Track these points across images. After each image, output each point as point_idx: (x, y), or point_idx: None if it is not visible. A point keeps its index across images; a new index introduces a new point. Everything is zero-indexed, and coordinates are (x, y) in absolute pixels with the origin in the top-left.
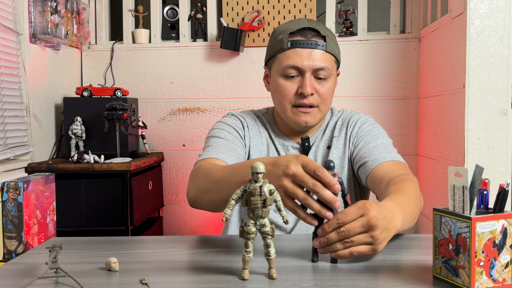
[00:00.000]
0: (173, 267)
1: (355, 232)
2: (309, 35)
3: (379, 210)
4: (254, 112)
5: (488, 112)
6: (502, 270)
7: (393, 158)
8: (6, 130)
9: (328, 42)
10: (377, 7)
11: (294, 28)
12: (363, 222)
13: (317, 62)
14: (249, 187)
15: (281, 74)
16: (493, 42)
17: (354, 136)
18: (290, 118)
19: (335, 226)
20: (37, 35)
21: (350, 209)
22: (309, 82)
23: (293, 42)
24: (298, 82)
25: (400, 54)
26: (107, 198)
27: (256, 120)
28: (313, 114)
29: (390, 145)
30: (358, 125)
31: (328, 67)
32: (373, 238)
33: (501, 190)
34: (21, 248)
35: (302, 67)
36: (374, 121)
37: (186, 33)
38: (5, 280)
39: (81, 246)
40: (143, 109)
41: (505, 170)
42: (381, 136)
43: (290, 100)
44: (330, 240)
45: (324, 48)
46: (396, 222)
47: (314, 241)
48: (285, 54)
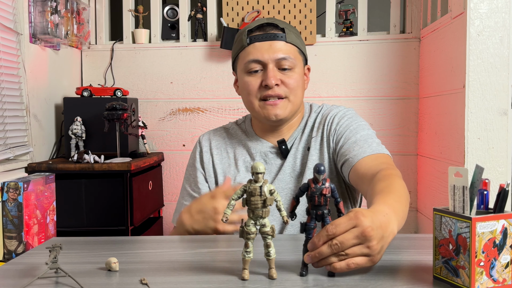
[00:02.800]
0: (173, 267)
1: (349, 244)
2: (267, 29)
3: (374, 219)
4: (227, 127)
5: (488, 112)
6: (502, 270)
7: (373, 152)
8: (6, 130)
9: (288, 34)
10: (377, 7)
11: (252, 25)
12: (357, 233)
13: (277, 53)
14: (249, 187)
15: (245, 71)
16: (493, 42)
17: (333, 134)
18: (259, 113)
19: (325, 239)
20: (37, 35)
21: (341, 219)
22: (273, 73)
23: (252, 38)
24: (262, 76)
25: (400, 54)
26: (107, 198)
27: (224, 139)
28: (282, 106)
29: (371, 137)
30: (336, 121)
31: (290, 56)
32: (369, 249)
33: (501, 190)
34: (21, 248)
35: (263, 59)
36: (354, 113)
37: (186, 33)
38: (5, 280)
39: (81, 246)
40: (143, 109)
41: (505, 170)
42: (361, 129)
43: (256, 94)
44: (322, 254)
45: (284, 39)
46: (393, 227)
47: (305, 256)
48: (246, 51)
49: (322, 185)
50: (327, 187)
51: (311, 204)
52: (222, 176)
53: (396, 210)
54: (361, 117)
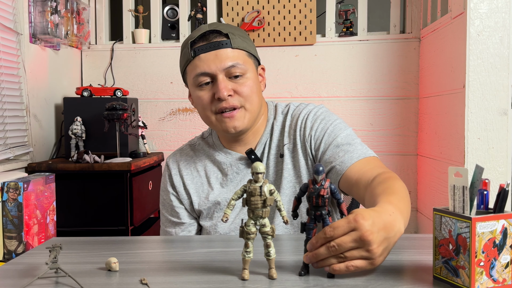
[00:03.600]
0: (173, 267)
1: (346, 247)
2: (210, 37)
3: (375, 220)
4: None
5: (488, 112)
6: (502, 270)
7: (361, 156)
8: (6, 130)
9: (233, 39)
10: (377, 7)
11: (195, 36)
12: (355, 237)
13: (225, 61)
14: (249, 187)
15: (195, 85)
16: (493, 42)
17: (309, 140)
18: (217, 126)
19: (323, 241)
20: (37, 35)
21: (340, 222)
22: (223, 84)
23: (196, 50)
24: (213, 88)
25: (400, 54)
26: (107, 198)
27: (192, 157)
28: (239, 117)
29: (352, 137)
30: (309, 125)
31: (239, 63)
32: (369, 253)
33: (501, 190)
34: (21, 248)
35: (210, 71)
36: (326, 111)
37: (186, 33)
38: (5, 280)
39: (81, 246)
40: (143, 109)
41: (505, 170)
42: (338, 130)
43: (211, 108)
44: (320, 256)
45: (230, 46)
46: (400, 226)
47: (305, 257)
48: (192, 64)
49: (321, 186)
50: (326, 188)
51: (310, 205)
52: (195, 196)
53: (401, 210)
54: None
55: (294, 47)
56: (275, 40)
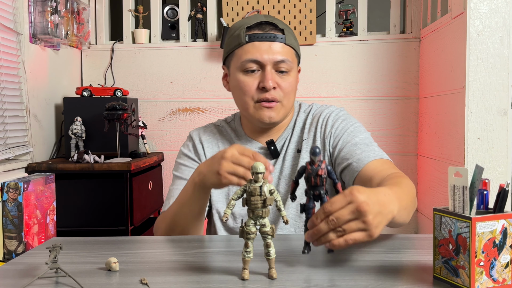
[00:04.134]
0: (173, 267)
1: (345, 220)
2: (267, 28)
3: (370, 195)
4: (217, 124)
5: (488, 112)
6: (502, 270)
7: (377, 156)
8: (6, 130)
9: (287, 35)
10: (377, 7)
11: (251, 22)
12: (352, 208)
13: (277, 55)
14: (249, 187)
15: (240, 69)
16: (493, 42)
17: (328, 137)
18: (252, 114)
19: (322, 217)
20: (37, 35)
21: (337, 197)
22: (271, 75)
23: (251, 36)
24: (259, 77)
25: (400, 54)
26: (107, 198)
27: (215, 134)
28: (276, 109)
29: (370, 140)
30: (330, 124)
31: (288, 59)
32: (365, 224)
33: (501, 190)
34: (21, 248)
35: (262, 60)
36: (346, 113)
37: (186, 33)
38: (5, 280)
39: (81, 246)
40: (143, 109)
41: (505, 170)
42: (358, 132)
43: (252, 95)
44: (321, 231)
45: (283, 41)
46: (392, 208)
47: (306, 235)
48: (244, 49)
49: (318, 166)
50: (323, 168)
51: (308, 185)
52: None
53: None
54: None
55: None
56: None
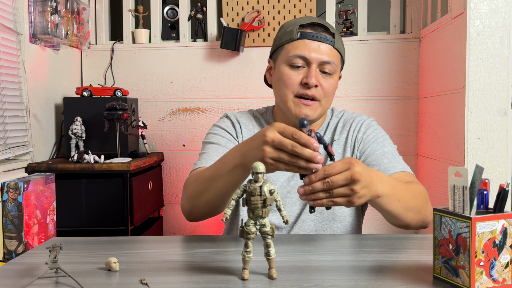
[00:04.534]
0: (173, 267)
1: (338, 184)
2: (319, 29)
3: (364, 168)
4: (252, 112)
5: (488, 112)
6: (502, 270)
7: (403, 169)
8: (6, 130)
9: (336, 40)
10: (377, 7)
11: (305, 21)
12: (347, 175)
13: (324, 55)
14: (249, 187)
15: (287, 63)
16: (493, 42)
17: (359, 142)
18: (290, 108)
19: (321, 177)
20: (37, 35)
21: (337, 162)
22: (315, 73)
23: (303, 34)
24: (303, 73)
25: (400, 54)
26: (107, 198)
27: (252, 121)
28: (314, 108)
29: (396, 153)
30: (362, 130)
31: (334, 62)
32: (352, 191)
33: (501, 190)
34: (21, 248)
35: (309, 58)
36: (376, 124)
37: (186, 33)
38: (5, 280)
39: (81, 246)
40: (143, 109)
41: (505, 170)
42: (387, 143)
43: (293, 89)
44: (315, 188)
45: (332, 44)
46: (379, 187)
47: (299, 188)
48: (293, 45)
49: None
50: (313, 136)
51: None
52: None
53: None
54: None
55: None
56: None
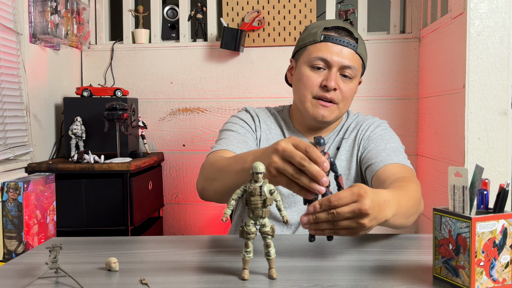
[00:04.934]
0: (173, 267)
1: (344, 217)
2: (342, 33)
3: (374, 198)
4: (269, 109)
5: (488, 112)
6: (502, 270)
7: (400, 161)
8: (6, 130)
9: (359, 45)
10: (377, 7)
11: (329, 24)
12: (355, 208)
13: (346, 59)
14: (249, 187)
15: (308, 64)
16: (493, 42)
17: (365, 139)
18: (308, 109)
19: (326, 208)
20: (37, 35)
21: (345, 193)
22: (335, 76)
23: (326, 36)
24: (323, 75)
25: (400, 54)
26: (107, 198)
27: (270, 117)
28: (331, 110)
29: (400, 150)
30: (371, 129)
31: (355, 67)
32: (358, 225)
33: (501, 190)
34: (21, 248)
35: (331, 61)
36: (388, 126)
37: (186, 33)
38: (5, 280)
39: (81, 246)
40: (143, 109)
41: (505, 170)
42: (392, 141)
43: (312, 91)
44: (319, 219)
45: (355, 49)
46: (387, 213)
47: (302, 217)
48: (316, 46)
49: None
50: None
51: None
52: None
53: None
54: None
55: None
56: (275, 40)
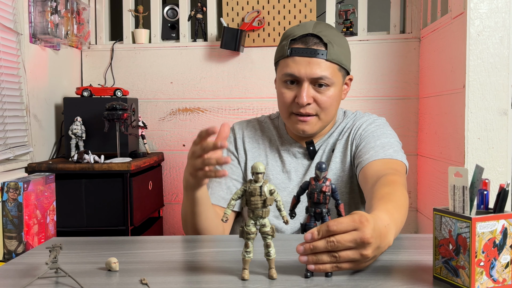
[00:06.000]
0: (173, 267)
1: (345, 246)
2: (310, 43)
3: (376, 226)
4: (261, 120)
5: (488, 112)
6: (502, 270)
7: (386, 156)
8: (6, 130)
9: (330, 50)
10: (377, 7)
11: (297, 34)
12: (356, 237)
13: (315, 71)
14: (249, 187)
15: (281, 81)
16: (493, 42)
17: (357, 138)
18: (289, 125)
19: (324, 234)
20: (37, 35)
21: (344, 219)
22: (306, 91)
23: (293, 50)
24: (296, 91)
25: (400, 54)
26: (107, 198)
27: (257, 130)
28: (311, 123)
29: (392, 144)
30: (363, 127)
31: (327, 76)
32: (362, 256)
33: (501, 190)
34: (21, 248)
35: (299, 75)
36: (384, 122)
37: (186, 33)
38: (5, 280)
39: (81, 246)
40: (143, 109)
41: (505, 170)
42: (384, 137)
43: (288, 107)
44: (317, 248)
45: (324, 57)
46: (390, 239)
47: (298, 246)
48: (285, 62)
49: (323, 183)
50: (328, 185)
51: (310, 202)
52: (251, 162)
53: (396, 220)
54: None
55: None
56: (275, 40)
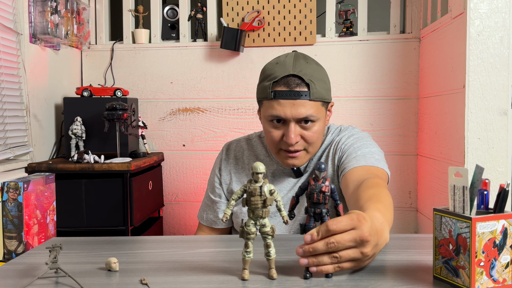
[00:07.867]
0: (173, 267)
1: (345, 246)
2: (292, 84)
3: (372, 224)
4: (251, 138)
5: (488, 112)
6: (502, 270)
7: (367, 164)
8: (6, 130)
9: (312, 89)
10: (377, 7)
11: (278, 76)
12: (355, 236)
13: (300, 111)
14: (249, 187)
15: (267, 120)
16: (493, 42)
17: (338, 151)
18: (278, 159)
19: (324, 234)
20: (37, 35)
21: (342, 218)
22: (293, 131)
23: (276, 93)
24: (283, 129)
25: (400, 54)
26: (107, 198)
27: (244, 151)
28: (300, 157)
29: (372, 153)
30: (342, 140)
31: (312, 114)
32: (362, 255)
33: (501, 190)
34: (21, 248)
35: (285, 117)
36: (366, 135)
37: (186, 33)
38: (5, 280)
39: (81, 246)
40: (143, 109)
41: (505, 170)
42: (364, 147)
43: (277, 144)
44: (316, 250)
45: (308, 98)
46: (386, 236)
47: (298, 249)
48: (270, 104)
49: (322, 183)
50: (327, 186)
51: (310, 202)
52: (236, 184)
53: (388, 219)
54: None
55: (294, 47)
56: (275, 40)
